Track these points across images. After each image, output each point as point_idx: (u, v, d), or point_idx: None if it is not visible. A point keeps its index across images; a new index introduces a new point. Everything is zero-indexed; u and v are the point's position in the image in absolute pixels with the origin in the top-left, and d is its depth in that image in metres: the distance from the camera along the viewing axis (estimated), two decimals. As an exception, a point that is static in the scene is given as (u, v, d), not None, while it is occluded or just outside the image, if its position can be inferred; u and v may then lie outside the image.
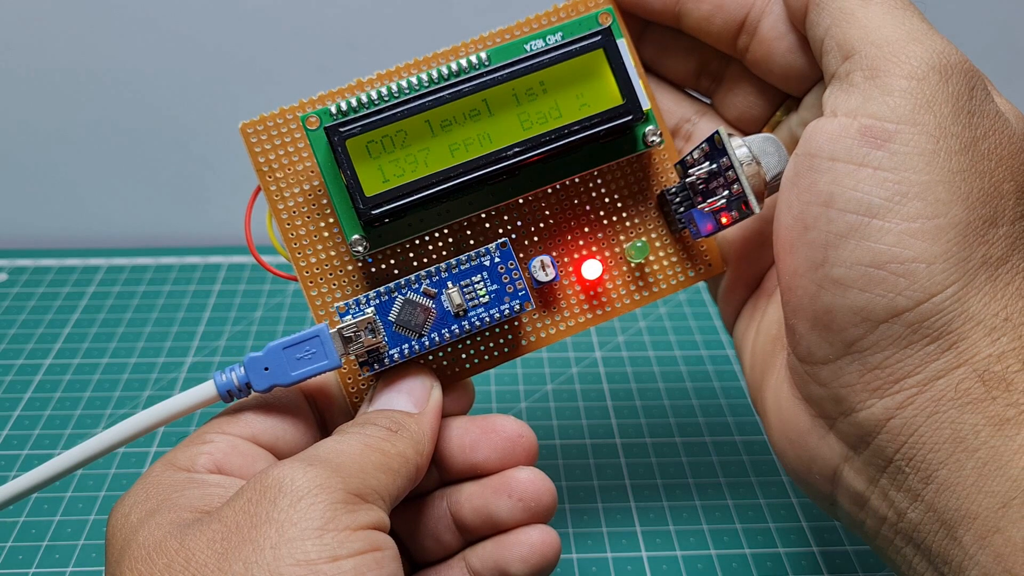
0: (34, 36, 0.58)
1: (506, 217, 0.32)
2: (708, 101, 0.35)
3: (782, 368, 0.30)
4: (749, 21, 0.31)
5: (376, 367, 0.29)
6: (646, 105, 0.30)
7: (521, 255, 0.32)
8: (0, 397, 0.48)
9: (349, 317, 0.28)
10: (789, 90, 0.32)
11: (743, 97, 0.33)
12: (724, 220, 0.30)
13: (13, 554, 0.39)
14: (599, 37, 0.29)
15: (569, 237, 0.32)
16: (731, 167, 0.29)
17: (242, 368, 0.28)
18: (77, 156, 0.63)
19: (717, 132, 0.29)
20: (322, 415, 0.31)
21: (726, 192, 0.29)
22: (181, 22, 0.58)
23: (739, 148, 0.29)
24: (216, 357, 0.52)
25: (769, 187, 0.29)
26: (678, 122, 0.35)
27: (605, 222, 0.32)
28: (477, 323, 0.29)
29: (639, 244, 0.32)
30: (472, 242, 0.31)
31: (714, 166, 0.29)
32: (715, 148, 0.29)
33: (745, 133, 0.33)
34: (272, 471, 0.24)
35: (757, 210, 0.29)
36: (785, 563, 0.39)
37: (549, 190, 0.32)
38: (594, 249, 0.32)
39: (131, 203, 0.65)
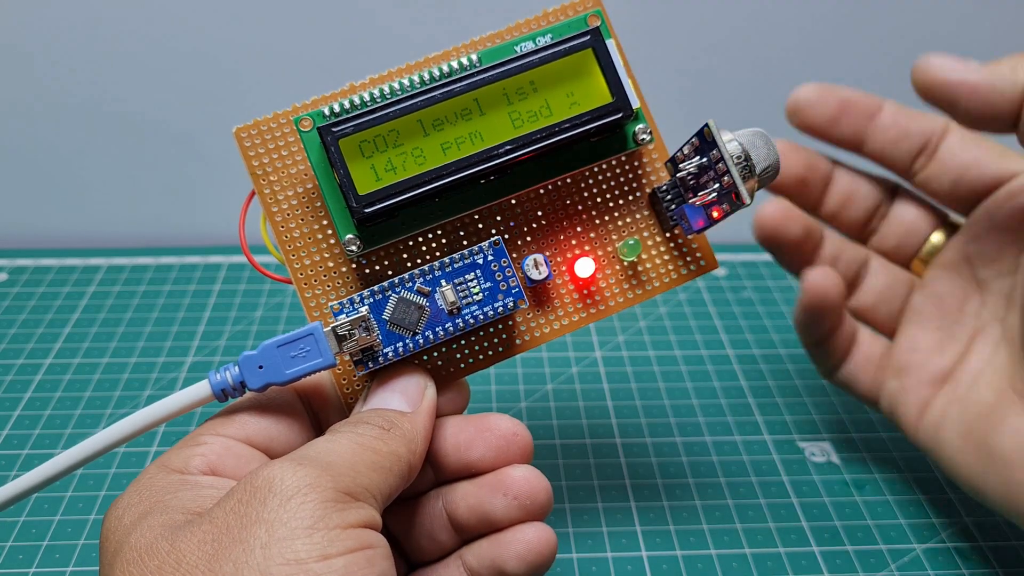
0: (34, 37, 0.58)
1: (499, 216, 0.32)
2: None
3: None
4: (930, 144, 0.33)
5: (370, 365, 0.29)
6: (636, 103, 0.30)
7: (514, 254, 0.32)
8: (0, 397, 0.48)
9: (343, 316, 0.29)
10: (955, 208, 0.34)
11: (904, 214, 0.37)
12: (715, 214, 0.30)
13: (13, 554, 0.39)
14: (588, 37, 0.29)
15: (562, 236, 0.32)
16: (721, 159, 0.29)
17: (236, 367, 0.28)
18: (77, 156, 0.63)
19: (707, 125, 0.29)
20: (317, 415, 0.31)
21: (716, 185, 0.29)
22: (184, 22, 0.59)
23: (729, 141, 0.29)
24: (216, 357, 0.52)
25: (759, 179, 0.29)
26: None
27: (597, 221, 0.32)
28: (471, 320, 0.29)
29: (631, 242, 0.32)
30: (465, 241, 0.31)
31: (704, 159, 0.30)
32: (705, 141, 0.29)
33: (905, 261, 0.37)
34: (262, 471, 0.24)
35: (748, 201, 0.29)
36: (785, 563, 0.39)
37: (541, 190, 0.32)
38: (587, 247, 0.32)
39: (131, 203, 0.66)
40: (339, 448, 0.26)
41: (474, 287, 0.29)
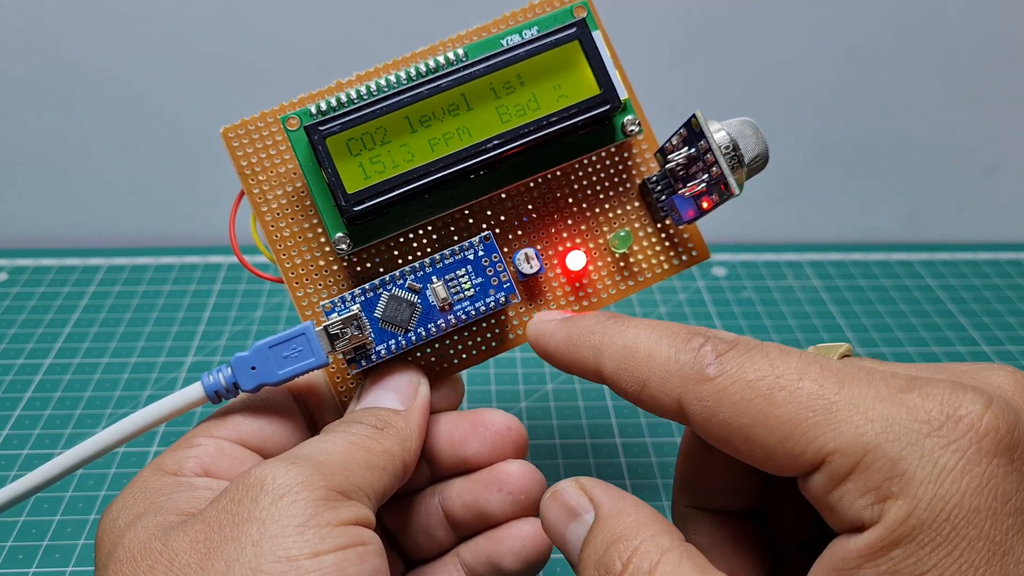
0: (34, 36, 0.59)
1: (489, 211, 0.32)
2: None
3: None
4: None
5: (363, 364, 0.29)
6: (623, 95, 0.30)
7: (505, 248, 0.32)
8: (0, 397, 0.49)
9: (335, 314, 0.29)
10: None
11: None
12: (705, 204, 0.30)
13: (13, 554, 0.39)
14: (574, 29, 0.29)
15: (552, 229, 0.32)
16: (709, 150, 0.29)
17: (229, 368, 0.28)
18: (77, 156, 0.63)
19: (694, 115, 0.29)
20: (312, 415, 0.31)
21: (705, 176, 0.29)
22: (183, 21, 0.59)
23: (717, 131, 0.29)
24: (216, 357, 0.52)
25: (748, 169, 0.29)
26: None
27: (588, 213, 0.32)
28: (463, 316, 0.29)
29: (622, 234, 0.32)
30: (456, 237, 0.31)
31: (693, 150, 0.29)
32: (693, 132, 0.29)
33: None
34: (254, 470, 0.24)
35: (737, 192, 0.28)
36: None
37: (531, 183, 0.32)
38: (578, 240, 0.32)
39: (131, 203, 0.66)
40: (332, 447, 0.26)
41: (465, 283, 0.29)
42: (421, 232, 0.31)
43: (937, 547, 0.19)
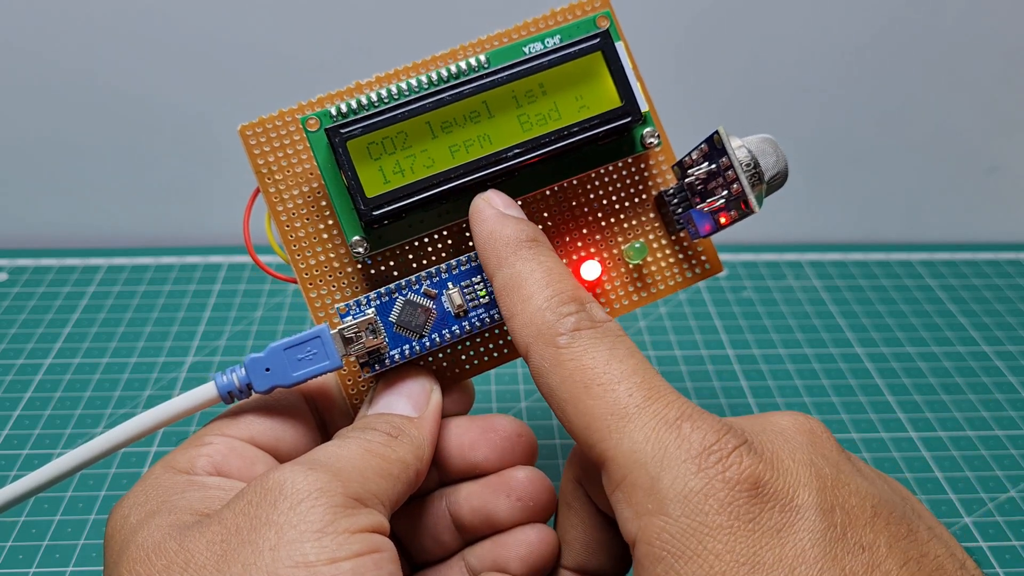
0: (34, 36, 0.58)
1: (505, 218, 0.32)
2: None
3: None
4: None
5: (377, 368, 0.29)
6: (644, 107, 0.30)
7: (520, 256, 0.32)
8: (0, 397, 0.48)
9: (350, 318, 0.28)
10: None
11: None
12: (723, 220, 0.30)
13: (13, 554, 0.39)
14: (597, 40, 0.29)
15: (568, 238, 0.32)
16: (731, 167, 0.29)
17: (243, 369, 0.28)
18: (77, 156, 0.63)
19: (716, 132, 0.29)
20: (322, 416, 0.31)
21: (725, 192, 0.29)
22: (182, 21, 0.58)
23: (739, 148, 0.29)
24: (216, 357, 0.52)
25: (768, 186, 0.29)
26: None
27: (603, 223, 0.32)
28: (477, 323, 0.29)
29: (637, 245, 0.32)
30: (472, 243, 0.31)
31: (713, 166, 0.30)
32: (714, 148, 0.29)
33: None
34: (273, 474, 0.24)
35: (757, 209, 0.29)
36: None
37: (548, 192, 0.32)
38: (593, 250, 0.32)
39: (131, 203, 0.65)
40: (348, 454, 0.26)
41: (480, 290, 0.29)
42: (437, 237, 0.31)
43: (689, 560, 0.21)
